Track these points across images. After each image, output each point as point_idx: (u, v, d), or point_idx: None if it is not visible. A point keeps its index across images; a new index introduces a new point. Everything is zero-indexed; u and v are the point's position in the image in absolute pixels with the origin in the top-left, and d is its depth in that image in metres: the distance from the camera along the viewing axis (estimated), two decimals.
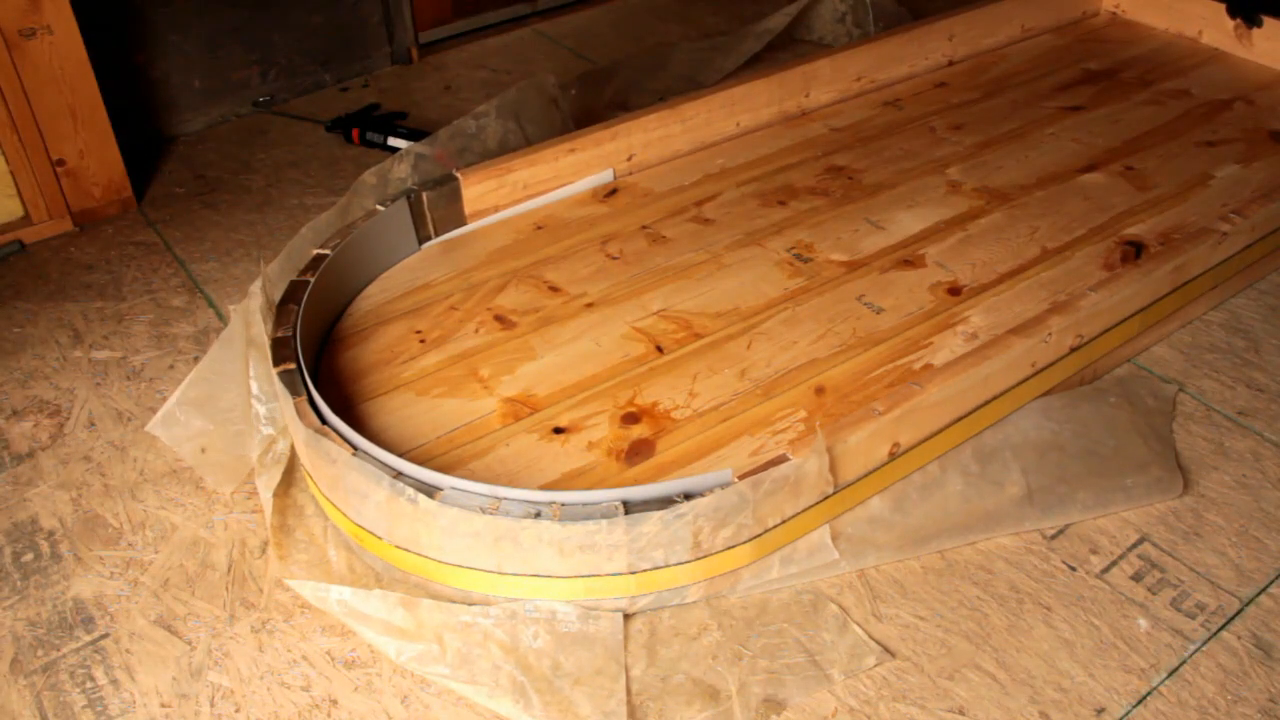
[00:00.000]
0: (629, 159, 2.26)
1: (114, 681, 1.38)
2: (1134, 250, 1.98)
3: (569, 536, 1.34)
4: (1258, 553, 1.51)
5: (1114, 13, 2.94)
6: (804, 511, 1.46)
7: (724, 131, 2.38)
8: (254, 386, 1.65)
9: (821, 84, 2.49)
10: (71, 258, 2.19)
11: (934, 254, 2.01)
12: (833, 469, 1.45)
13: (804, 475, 1.41)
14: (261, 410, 1.63)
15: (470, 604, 1.41)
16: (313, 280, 1.76)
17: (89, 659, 1.41)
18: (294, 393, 1.53)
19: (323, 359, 1.79)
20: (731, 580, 1.45)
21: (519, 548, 1.36)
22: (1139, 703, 1.33)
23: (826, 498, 1.47)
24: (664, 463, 1.58)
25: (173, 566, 1.53)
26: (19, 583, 1.51)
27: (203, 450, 1.67)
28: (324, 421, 1.49)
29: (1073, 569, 1.49)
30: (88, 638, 1.43)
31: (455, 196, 2.05)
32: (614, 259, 2.02)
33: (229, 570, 1.52)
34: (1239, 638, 1.40)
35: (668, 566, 1.39)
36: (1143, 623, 1.42)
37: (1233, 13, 2.52)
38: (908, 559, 1.50)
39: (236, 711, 1.34)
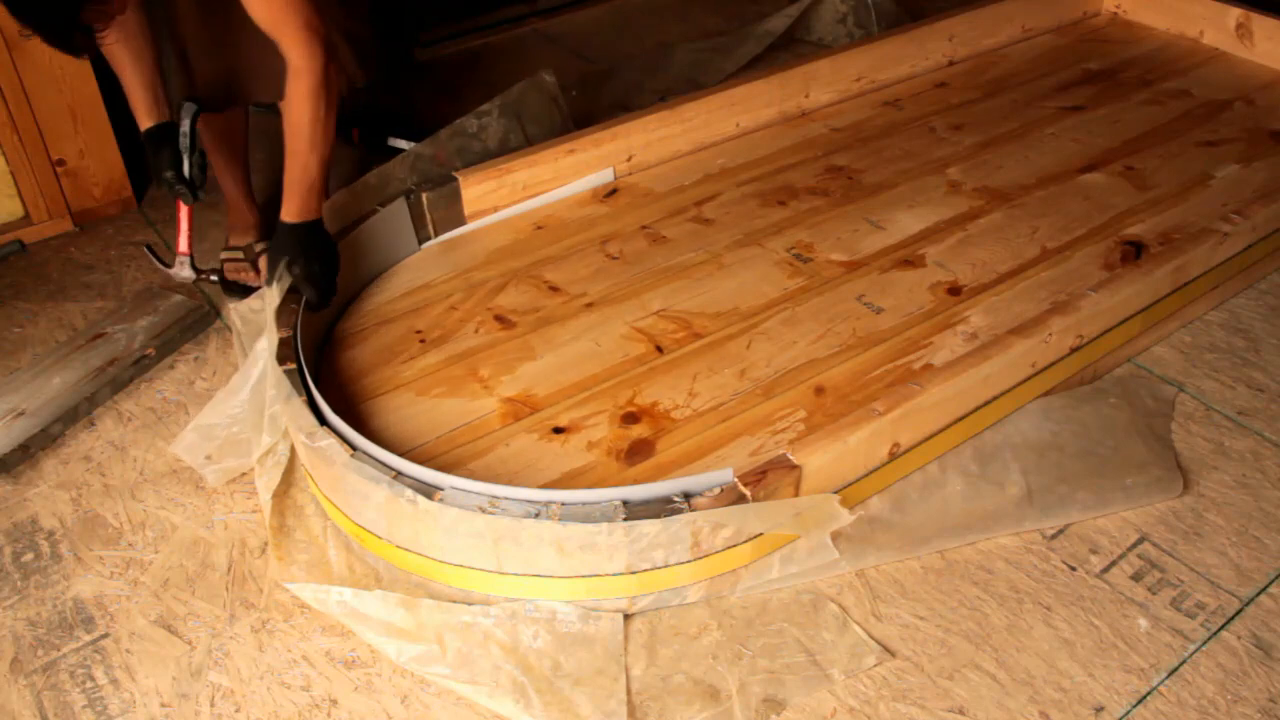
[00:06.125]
0: (629, 159, 2.26)
1: (114, 681, 1.38)
2: (1134, 250, 1.98)
3: (569, 536, 1.34)
4: (1258, 553, 1.51)
5: (1114, 13, 2.94)
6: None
7: (724, 132, 2.38)
8: (267, 389, 1.64)
9: (821, 84, 2.49)
10: (71, 258, 2.19)
11: (934, 254, 2.01)
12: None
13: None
14: (267, 412, 1.63)
15: (470, 604, 1.41)
16: None
17: (89, 659, 1.41)
18: (294, 393, 1.53)
19: (323, 359, 1.80)
20: (731, 580, 1.45)
21: (519, 548, 1.36)
22: (1139, 702, 1.33)
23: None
24: (664, 462, 1.58)
25: (173, 566, 1.53)
26: (19, 583, 1.51)
27: (208, 458, 1.67)
28: (324, 421, 1.49)
29: (1073, 569, 1.49)
30: (88, 638, 1.43)
31: (455, 196, 2.05)
32: (614, 259, 2.02)
33: (229, 570, 1.52)
34: (1239, 637, 1.40)
35: (668, 566, 1.39)
36: (1143, 622, 1.42)
37: None
38: (908, 559, 1.50)
39: (236, 711, 1.34)
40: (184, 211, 1.86)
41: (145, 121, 1.79)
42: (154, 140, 1.78)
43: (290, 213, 1.68)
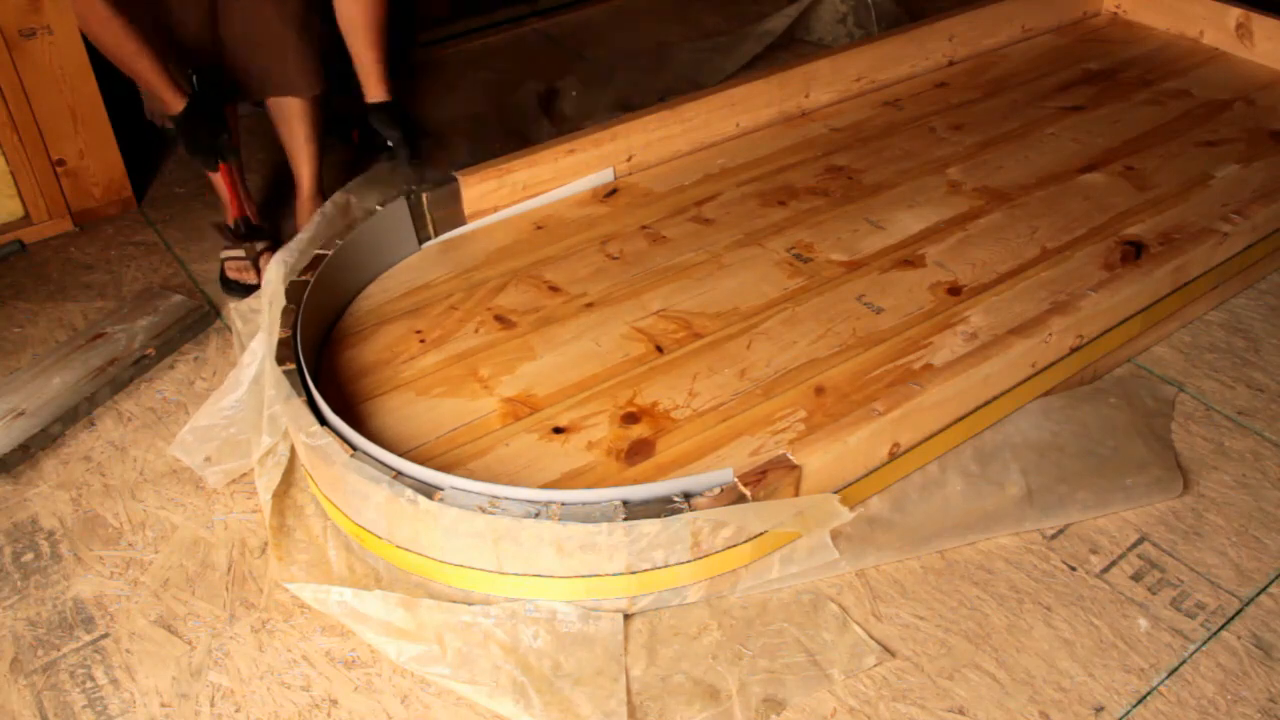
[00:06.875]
0: (629, 159, 2.25)
1: (114, 681, 1.38)
2: (1134, 250, 1.98)
3: (569, 536, 1.34)
4: (1258, 553, 1.51)
5: (1114, 13, 2.94)
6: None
7: (724, 132, 2.38)
8: (266, 389, 1.64)
9: (821, 84, 2.49)
10: (71, 258, 2.19)
11: (934, 254, 2.01)
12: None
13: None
14: (267, 412, 1.63)
15: (470, 604, 1.41)
16: (312, 280, 1.76)
17: (89, 659, 1.41)
18: (294, 393, 1.53)
19: (323, 359, 1.80)
20: (731, 580, 1.45)
21: (519, 547, 1.36)
22: (1139, 702, 1.33)
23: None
24: (664, 462, 1.58)
25: (173, 566, 1.53)
26: (19, 583, 1.51)
27: (207, 459, 1.67)
28: (324, 421, 1.49)
29: (1073, 569, 1.49)
30: (88, 638, 1.43)
31: (455, 196, 2.05)
32: (614, 259, 2.02)
33: (229, 570, 1.52)
34: (1239, 637, 1.40)
35: (668, 566, 1.39)
36: (1143, 622, 1.42)
37: None
38: (908, 559, 1.50)
39: (236, 711, 1.34)
40: (229, 175, 1.97)
41: (177, 105, 1.88)
42: (191, 117, 1.89)
43: (376, 95, 2.07)
